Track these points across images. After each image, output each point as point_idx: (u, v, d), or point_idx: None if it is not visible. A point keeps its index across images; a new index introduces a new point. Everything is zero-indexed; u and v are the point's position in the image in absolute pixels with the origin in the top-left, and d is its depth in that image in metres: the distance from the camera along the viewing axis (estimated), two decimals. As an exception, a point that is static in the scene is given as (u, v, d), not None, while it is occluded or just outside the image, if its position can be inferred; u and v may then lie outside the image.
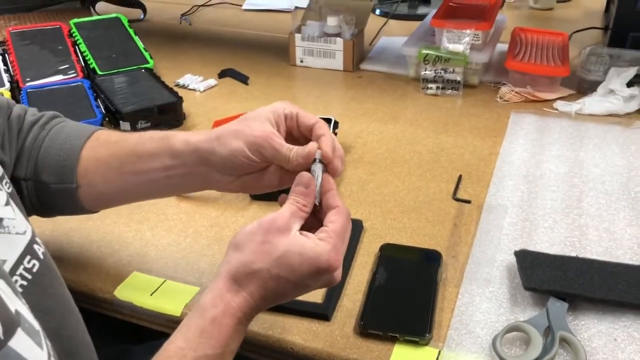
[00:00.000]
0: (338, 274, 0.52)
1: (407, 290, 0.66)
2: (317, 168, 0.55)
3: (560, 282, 0.64)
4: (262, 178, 0.59)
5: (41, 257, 0.50)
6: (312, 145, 0.55)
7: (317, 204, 0.54)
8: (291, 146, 0.56)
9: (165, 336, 0.53)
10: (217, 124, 1.01)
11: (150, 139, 0.61)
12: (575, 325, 0.62)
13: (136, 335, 0.83)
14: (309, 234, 0.51)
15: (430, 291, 0.65)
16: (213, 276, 0.68)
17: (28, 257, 0.48)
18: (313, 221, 0.54)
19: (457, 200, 0.83)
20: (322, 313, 0.63)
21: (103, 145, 0.63)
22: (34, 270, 0.49)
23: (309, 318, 0.64)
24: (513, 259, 0.69)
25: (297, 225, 0.51)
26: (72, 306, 0.54)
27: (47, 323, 0.47)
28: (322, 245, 0.50)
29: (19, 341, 0.37)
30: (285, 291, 0.51)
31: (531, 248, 0.71)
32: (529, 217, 0.78)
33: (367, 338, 0.61)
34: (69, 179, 0.62)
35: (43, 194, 0.63)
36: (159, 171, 0.60)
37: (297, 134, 0.59)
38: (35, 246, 0.50)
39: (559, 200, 0.82)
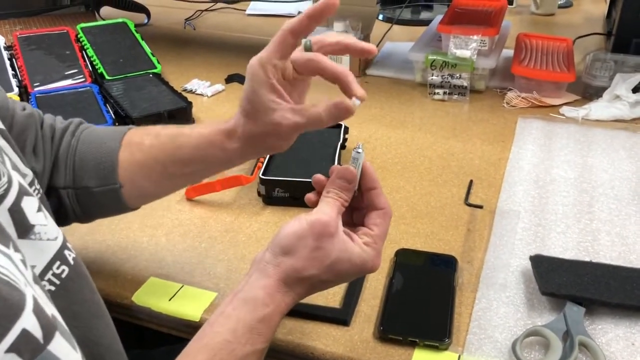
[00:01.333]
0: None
1: (425, 295, 0.67)
2: (359, 156, 0.54)
3: (577, 287, 0.65)
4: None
5: (71, 262, 0.50)
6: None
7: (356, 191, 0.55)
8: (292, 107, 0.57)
9: (181, 341, 0.53)
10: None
11: (188, 143, 0.61)
12: (592, 329, 0.62)
13: (148, 339, 0.83)
14: (354, 237, 0.53)
15: (448, 296, 0.66)
16: (231, 282, 0.70)
17: (58, 263, 0.48)
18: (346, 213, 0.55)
19: (470, 205, 0.83)
20: (341, 318, 0.64)
21: (139, 149, 0.64)
22: (63, 275, 0.49)
23: (327, 323, 0.64)
24: (528, 264, 0.70)
25: (341, 223, 0.53)
26: (101, 311, 0.54)
27: (74, 328, 0.47)
28: (368, 251, 0.52)
29: (57, 345, 0.38)
30: (326, 287, 0.54)
31: (545, 253, 0.72)
32: (541, 222, 0.79)
33: (386, 343, 0.61)
34: (111, 180, 0.63)
35: (86, 199, 0.64)
36: (203, 169, 0.64)
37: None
38: (66, 252, 0.50)
39: (570, 205, 0.82)
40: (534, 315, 0.64)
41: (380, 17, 1.63)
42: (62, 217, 0.65)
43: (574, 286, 0.65)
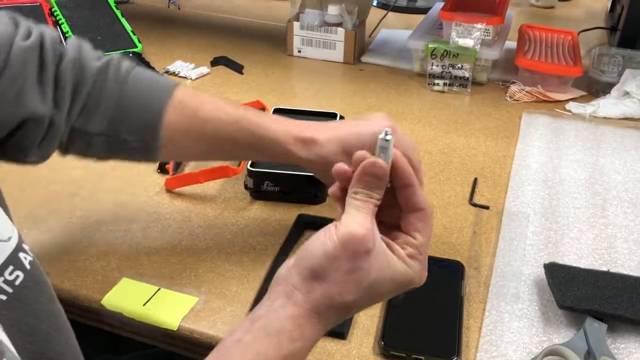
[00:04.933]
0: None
1: (430, 305, 0.60)
2: (388, 145, 0.43)
3: (598, 301, 0.59)
4: None
5: (27, 267, 0.42)
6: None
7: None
8: None
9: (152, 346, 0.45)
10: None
11: (239, 128, 0.60)
12: (614, 349, 0.56)
13: (122, 344, 0.76)
14: (396, 248, 0.44)
15: (456, 307, 0.59)
16: (214, 285, 0.63)
17: (10, 268, 0.41)
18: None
19: (475, 205, 0.77)
20: (337, 331, 0.57)
21: (186, 115, 0.60)
22: (17, 283, 0.41)
23: (323, 336, 0.57)
24: (541, 272, 0.64)
25: (377, 231, 0.43)
26: (61, 323, 0.46)
27: (29, 344, 0.40)
28: (413, 265, 0.44)
29: None
30: (363, 309, 0.46)
31: (558, 260, 0.66)
32: (552, 227, 0.73)
33: (386, 359, 0.55)
34: (153, 138, 0.60)
35: (118, 147, 0.60)
36: (245, 155, 0.67)
37: None
38: (22, 254, 0.42)
39: (583, 208, 0.76)
40: (550, 331, 0.58)
41: (375, 2, 1.55)
42: (78, 154, 0.61)
43: (594, 300, 0.59)
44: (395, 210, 0.46)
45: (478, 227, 0.73)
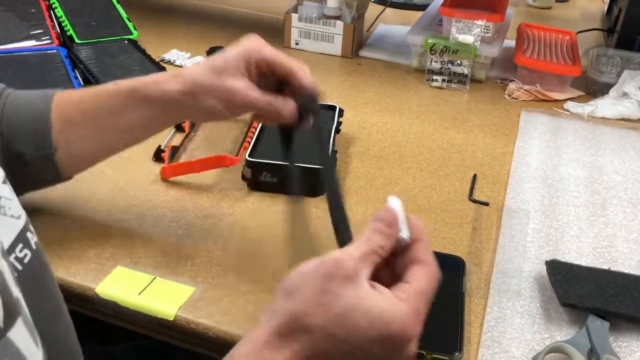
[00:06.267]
0: (412, 347, 0.39)
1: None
2: (395, 204, 0.44)
3: (600, 299, 0.58)
4: None
5: (33, 247, 0.42)
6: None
7: (408, 238, 0.43)
8: (268, 99, 0.57)
9: (146, 337, 0.45)
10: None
11: (119, 93, 0.60)
12: (616, 346, 0.56)
13: (117, 334, 0.74)
14: (383, 289, 0.40)
15: (457, 302, 0.59)
16: (211, 276, 0.61)
17: (20, 245, 0.41)
18: (386, 272, 0.43)
19: (474, 201, 0.76)
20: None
21: (71, 105, 0.61)
22: (25, 260, 0.41)
23: None
24: (542, 269, 0.64)
25: (366, 272, 0.39)
26: (62, 306, 0.47)
27: (35, 321, 0.39)
28: (400, 306, 0.38)
29: (19, 333, 0.32)
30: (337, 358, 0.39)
31: (559, 258, 0.65)
32: (553, 224, 0.72)
33: (388, 354, 0.54)
34: (46, 142, 0.59)
35: (17, 167, 0.57)
36: (139, 122, 0.61)
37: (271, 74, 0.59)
38: (29, 234, 0.42)
39: (582, 207, 0.76)
40: (552, 328, 0.57)
41: (373, -2, 1.54)
42: None
43: (596, 298, 0.58)
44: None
45: (478, 224, 0.72)
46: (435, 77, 1.08)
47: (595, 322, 0.57)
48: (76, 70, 0.93)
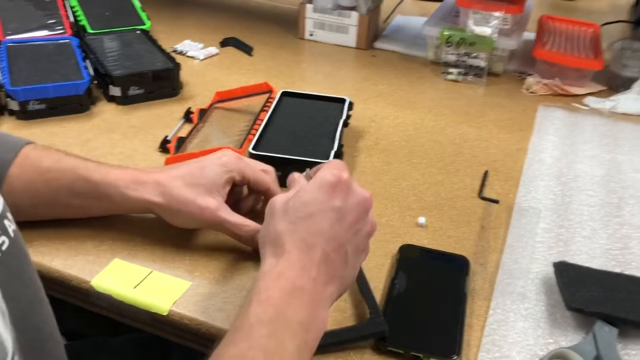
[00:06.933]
0: (362, 195, 0.50)
1: (432, 301, 0.58)
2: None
3: (609, 304, 0.56)
4: None
5: (11, 234, 0.42)
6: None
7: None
8: (242, 223, 0.60)
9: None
10: (220, 95, 0.91)
11: (87, 180, 0.59)
12: (625, 355, 0.53)
13: (112, 325, 0.74)
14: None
15: (459, 304, 0.57)
16: (208, 271, 0.60)
17: None
18: None
19: (484, 199, 0.74)
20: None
21: (34, 169, 0.59)
22: (3, 248, 0.41)
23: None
24: (549, 270, 0.61)
25: (293, 191, 0.51)
26: (42, 295, 0.47)
27: (12, 309, 0.40)
28: (318, 172, 0.50)
29: None
30: (324, 225, 0.48)
31: (569, 259, 0.63)
32: (564, 224, 0.70)
33: (384, 355, 0.52)
34: None
35: None
36: (99, 211, 0.62)
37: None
38: (6, 222, 0.42)
39: (597, 206, 0.73)
40: (556, 333, 0.55)
41: (392, -11, 1.51)
42: None
43: (605, 302, 0.56)
44: None
45: (486, 222, 0.70)
46: (450, 70, 1.05)
47: (603, 328, 0.54)
48: (87, 61, 0.93)
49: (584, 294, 0.56)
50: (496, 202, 0.74)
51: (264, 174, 0.64)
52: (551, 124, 0.92)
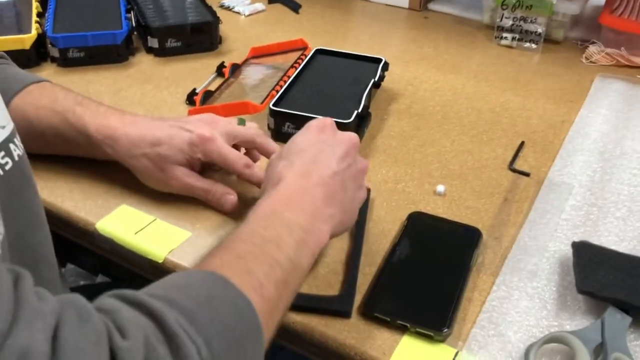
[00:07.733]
0: (348, 134, 0.54)
1: (431, 271, 0.55)
2: None
3: (626, 290, 0.51)
4: None
5: (15, 158, 0.44)
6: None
7: None
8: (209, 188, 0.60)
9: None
10: (254, 51, 0.90)
11: (71, 125, 0.60)
12: (635, 345, 0.49)
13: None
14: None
15: (460, 276, 0.54)
16: (210, 223, 0.60)
17: (2, 153, 0.43)
18: None
19: (514, 171, 0.69)
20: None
21: (31, 104, 0.62)
22: (7, 168, 0.43)
23: (307, 288, 0.53)
24: (569, 250, 0.56)
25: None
26: (41, 219, 0.49)
27: (9, 227, 0.42)
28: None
29: None
30: (316, 154, 0.51)
31: (594, 240, 0.58)
32: (597, 202, 0.64)
33: (370, 322, 0.50)
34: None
35: None
36: (77, 154, 0.64)
37: None
38: (12, 145, 0.44)
39: (639, 186, 0.67)
40: (563, 317, 0.51)
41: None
42: None
43: (621, 288, 0.51)
44: None
45: (511, 195, 0.66)
46: (505, 35, 0.99)
47: (615, 315, 0.50)
48: (130, 12, 0.94)
49: (599, 277, 0.52)
50: (527, 174, 0.69)
51: (236, 155, 0.61)
52: (606, 96, 0.84)
